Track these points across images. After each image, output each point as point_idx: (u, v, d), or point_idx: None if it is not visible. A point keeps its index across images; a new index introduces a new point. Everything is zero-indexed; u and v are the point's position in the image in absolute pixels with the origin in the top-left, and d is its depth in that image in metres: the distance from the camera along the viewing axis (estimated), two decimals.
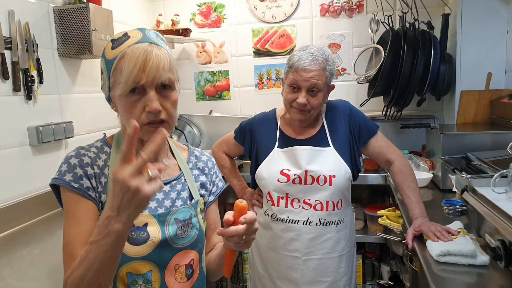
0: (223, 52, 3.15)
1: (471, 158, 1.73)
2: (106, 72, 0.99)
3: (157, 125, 0.96)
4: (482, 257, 1.20)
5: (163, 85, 0.96)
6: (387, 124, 2.81)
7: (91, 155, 1.02)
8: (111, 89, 0.99)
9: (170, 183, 1.10)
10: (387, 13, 2.61)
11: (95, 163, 1.01)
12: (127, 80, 0.92)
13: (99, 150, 1.05)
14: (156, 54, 0.93)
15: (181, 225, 1.05)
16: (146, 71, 0.91)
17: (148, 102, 0.93)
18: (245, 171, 2.67)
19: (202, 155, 1.23)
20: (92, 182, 0.98)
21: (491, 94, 2.36)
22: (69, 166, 0.98)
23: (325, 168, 1.65)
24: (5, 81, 1.75)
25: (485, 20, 2.36)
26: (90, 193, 0.97)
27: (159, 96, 0.95)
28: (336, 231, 1.70)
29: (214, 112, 3.11)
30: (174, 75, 0.99)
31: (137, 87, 0.93)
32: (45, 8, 2.01)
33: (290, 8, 2.97)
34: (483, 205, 1.20)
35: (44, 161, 1.96)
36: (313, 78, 1.56)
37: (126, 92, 0.93)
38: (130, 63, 0.92)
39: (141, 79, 0.92)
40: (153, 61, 0.92)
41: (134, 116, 0.95)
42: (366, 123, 1.73)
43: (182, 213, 1.06)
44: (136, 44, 0.95)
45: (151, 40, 0.97)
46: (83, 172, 0.98)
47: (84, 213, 0.96)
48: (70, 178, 0.97)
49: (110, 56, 0.97)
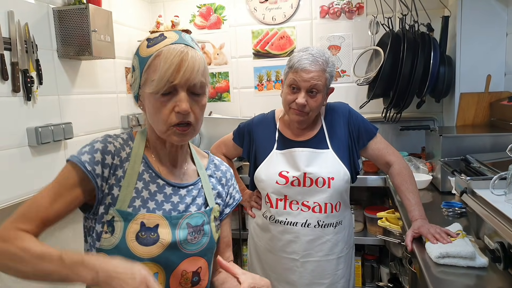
0: (223, 54, 3.16)
1: (471, 160, 1.73)
2: (138, 69, 0.99)
3: (184, 127, 0.98)
4: (481, 259, 1.19)
5: (195, 93, 0.98)
6: (386, 126, 2.81)
7: (117, 145, 1.03)
8: (141, 86, 0.99)
9: (187, 188, 1.10)
10: (387, 15, 2.61)
11: (118, 153, 1.02)
12: (161, 78, 0.93)
13: (124, 142, 1.05)
14: (192, 56, 0.95)
15: (192, 231, 1.04)
16: (181, 72, 0.93)
17: (179, 103, 0.95)
18: (244, 173, 2.67)
19: (221, 165, 1.23)
20: (104, 171, 0.98)
21: (491, 96, 2.36)
22: (91, 148, 0.99)
23: (323, 170, 1.64)
24: (4, 82, 1.75)
25: (485, 22, 2.36)
26: (98, 180, 0.97)
27: (190, 99, 0.97)
28: (334, 233, 1.70)
29: (213, 113, 3.11)
30: (206, 79, 1.00)
31: (170, 89, 0.94)
32: (45, 9, 2.01)
33: (290, 10, 2.98)
34: (482, 207, 1.19)
35: (43, 162, 1.96)
36: (313, 79, 1.56)
37: (159, 91, 0.94)
38: (166, 63, 0.93)
39: (175, 79, 0.93)
40: (189, 63, 0.94)
41: (163, 116, 0.96)
42: (365, 126, 1.73)
43: (195, 218, 1.06)
44: (173, 44, 0.96)
45: (187, 43, 0.98)
46: (102, 158, 0.98)
47: (70, 195, 0.95)
48: (86, 159, 0.96)
49: (144, 54, 0.98)
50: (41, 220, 0.92)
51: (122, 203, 0.99)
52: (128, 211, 0.98)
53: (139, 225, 0.98)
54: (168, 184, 1.06)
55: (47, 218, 0.92)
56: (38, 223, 0.91)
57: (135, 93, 1.03)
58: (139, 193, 1.02)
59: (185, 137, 1.01)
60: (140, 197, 1.01)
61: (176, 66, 0.93)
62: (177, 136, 0.99)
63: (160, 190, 1.05)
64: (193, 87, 0.96)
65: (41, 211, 0.92)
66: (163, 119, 0.97)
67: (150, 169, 1.05)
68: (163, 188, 1.05)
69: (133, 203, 1.00)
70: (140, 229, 0.97)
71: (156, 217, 1.00)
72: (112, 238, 0.97)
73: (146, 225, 0.98)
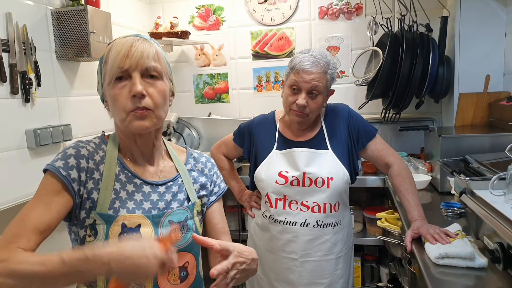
0: (222, 55, 3.15)
1: (470, 160, 1.73)
2: (99, 69, 1.03)
3: (143, 111, 0.97)
4: (481, 260, 1.19)
5: (150, 75, 0.98)
6: (385, 126, 2.81)
7: (90, 149, 1.03)
8: (103, 84, 1.02)
9: (166, 185, 1.09)
10: (385, 16, 2.62)
11: (92, 157, 1.02)
12: (111, 66, 0.96)
13: (97, 146, 1.06)
14: (141, 43, 0.98)
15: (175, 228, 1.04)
16: (130, 57, 0.95)
17: (132, 86, 0.95)
18: (244, 173, 2.67)
19: (201, 157, 1.22)
20: (81, 175, 0.98)
21: (490, 97, 2.36)
22: (64, 155, 1.00)
23: (323, 170, 1.65)
24: (2, 84, 1.75)
25: (484, 22, 2.36)
26: (73, 185, 0.97)
27: (145, 83, 0.97)
28: (333, 233, 1.70)
29: (213, 114, 3.11)
30: (162, 67, 1.01)
31: (123, 74, 0.96)
32: (43, 11, 2.01)
33: (289, 11, 2.98)
34: (481, 207, 1.19)
35: (42, 164, 1.92)
36: (314, 80, 1.57)
37: (112, 79, 0.96)
38: (116, 51, 0.96)
39: (125, 65, 0.95)
40: (138, 48, 0.96)
41: (120, 103, 0.97)
42: (364, 127, 1.73)
43: (177, 215, 1.06)
44: (124, 38, 1.00)
45: (141, 36, 1.01)
46: (76, 163, 0.99)
47: (55, 202, 0.94)
48: (60, 165, 0.97)
49: (102, 54, 1.03)
50: (33, 233, 0.89)
51: (102, 206, 0.99)
52: (109, 213, 0.98)
53: (121, 226, 0.98)
54: (145, 183, 1.06)
55: (39, 230, 0.90)
56: (32, 238, 0.89)
57: (100, 94, 1.05)
58: (117, 194, 1.02)
59: (144, 121, 0.98)
60: (119, 198, 1.01)
61: (125, 51, 0.95)
62: (136, 120, 0.97)
63: (138, 189, 1.05)
64: (145, 71, 0.97)
65: (32, 225, 0.90)
66: (120, 107, 0.97)
67: (125, 170, 1.06)
68: (141, 187, 1.06)
69: (113, 205, 1.00)
70: (122, 231, 0.97)
71: (137, 217, 1.00)
72: (96, 241, 0.97)
73: (127, 226, 0.98)
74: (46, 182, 0.97)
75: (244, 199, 1.92)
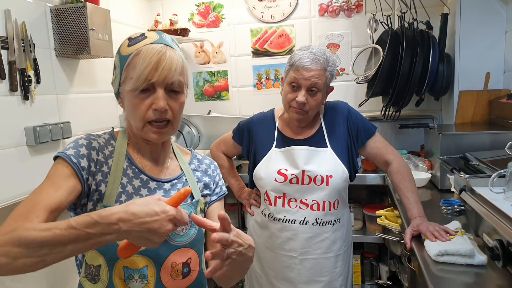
0: (222, 52, 3.15)
1: (470, 158, 1.73)
2: (119, 67, 1.02)
3: (162, 125, 1.01)
4: (480, 257, 1.19)
5: (173, 90, 1.00)
6: (385, 124, 2.81)
7: (100, 142, 1.05)
8: (121, 84, 1.02)
9: (171, 182, 1.12)
10: (386, 13, 2.61)
11: (102, 150, 1.04)
12: (139, 76, 0.96)
13: (106, 141, 1.08)
14: (170, 55, 0.98)
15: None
16: (159, 71, 0.95)
17: (156, 100, 0.97)
18: (243, 171, 2.67)
19: (204, 159, 1.26)
20: (91, 165, 1.00)
21: (490, 94, 2.36)
22: (75, 144, 1.01)
23: (322, 168, 1.64)
24: (1, 81, 1.74)
25: (484, 20, 2.36)
26: (83, 173, 0.98)
27: (167, 97, 0.99)
28: (332, 231, 1.70)
29: (212, 112, 3.11)
30: (185, 78, 1.03)
31: (148, 86, 0.97)
32: (42, 8, 2.00)
33: (289, 8, 2.97)
34: (481, 205, 1.19)
35: (41, 162, 1.95)
36: (314, 77, 1.57)
37: (137, 89, 0.97)
38: (145, 61, 0.96)
39: (153, 77, 0.95)
40: (167, 62, 0.96)
41: (141, 112, 0.98)
42: (364, 124, 1.73)
43: None
44: (152, 44, 0.99)
45: (167, 43, 1.01)
46: (87, 153, 1.00)
47: (65, 184, 0.95)
48: (72, 153, 0.98)
49: (125, 52, 1.01)
50: (43, 210, 0.87)
51: (109, 199, 1.00)
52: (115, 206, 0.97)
53: None
54: (151, 179, 1.08)
55: (50, 209, 0.88)
56: (41, 214, 0.87)
57: (116, 90, 1.06)
58: (124, 188, 1.03)
59: (162, 135, 1.03)
60: (125, 192, 1.03)
61: (154, 64, 0.95)
62: (154, 133, 1.02)
63: (144, 185, 1.07)
64: (171, 85, 0.99)
65: (42, 203, 0.88)
66: (140, 116, 0.99)
67: (133, 165, 1.08)
68: (147, 183, 1.07)
69: (119, 198, 1.02)
70: None
71: None
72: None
73: None
74: (57, 167, 0.98)
75: (243, 197, 1.92)
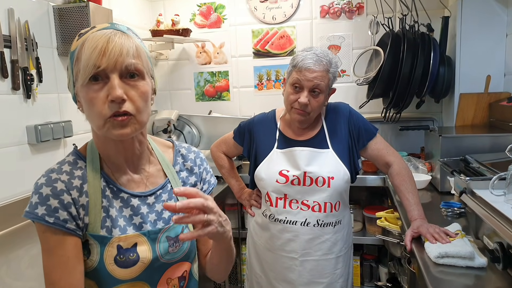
0: (223, 53, 3.15)
1: (470, 160, 1.73)
2: (70, 66, 0.90)
3: (123, 117, 0.86)
4: (480, 259, 1.20)
5: (131, 74, 0.86)
6: (386, 126, 2.81)
7: (64, 178, 0.90)
8: (75, 83, 0.89)
9: (154, 194, 1.01)
10: (387, 15, 2.62)
11: (71, 186, 0.90)
12: (86, 65, 0.83)
13: (72, 167, 0.93)
14: (119, 38, 0.85)
15: (173, 242, 0.99)
16: (107, 55, 0.83)
17: (111, 90, 0.84)
18: (244, 172, 2.67)
19: (189, 152, 1.13)
20: (71, 211, 0.88)
21: (490, 97, 2.36)
22: (40, 197, 0.87)
23: (323, 169, 1.65)
24: (4, 79, 1.75)
25: (485, 23, 2.36)
26: (68, 225, 0.88)
27: (124, 85, 0.86)
28: (333, 233, 1.70)
29: (213, 112, 3.11)
30: (144, 64, 0.89)
31: (99, 74, 0.84)
32: (45, 7, 2.01)
33: (290, 10, 2.98)
34: (481, 207, 1.20)
35: (42, 160, 1.95)
36: (316, 78, 1.57)
37: (86, 80, 0.84)
38: (90, 48, 0.83)
39: (101, 63, 0.83)
40: (116, 44, 0.84)
41: (96, 108, 0.85)
42: (365, 126, 1.73)
43: (174, 229, 1.00)
44: (99, 31, 0.87)
45: (118, 28, 0.89)
46: (59, 202, 0.87)
47: (66, 251, 0.88)
48: (43, 211, 0.86)
49: (73, 47, 0.89)
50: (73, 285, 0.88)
51: (93, 226, 0.91)
52: (101, 234, 0.91)
53: (116, 248, 0.91)
54: (132, 196, 0.98)
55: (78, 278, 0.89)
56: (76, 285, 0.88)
57: (72, 94, 0.93)
58: (107, 212, 0.93)
59: (125, 129, 0.88)
60: (109, 216, 0.93)
61: (101, 49, 0.83)
62: (116, 128, 0.86)
63: (126, 204, 0.96)
64: (125, 70, 0.85)
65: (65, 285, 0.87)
66: (97, 112, 0.85)
67: (110, 184, 0.96)
68: (128, 201, 0.97)
69: (104, 224, 0.92)
70: (117, 253, 0.91)
71: (132, 236, 0.93)
72: (89, 261, 0.91)
73: (123, 247, 0.91)
74: (44, 235, 0.88)
75: (244, 198, 1.92)
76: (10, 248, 1.58)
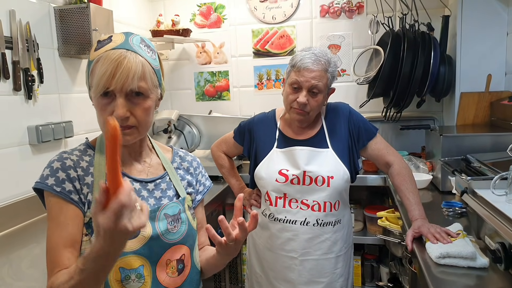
0: (223, 53, 3.15)
1: (471, 160, 1.73)
2: (87, 73, 1.03)
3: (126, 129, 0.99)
4: (482, 260, 1.20)
5: (136, 92, 0.98)
6: (386, 125, 2.81)
7: (74, 158, 1.03)
8: (90, 88, 1.02)
9: (154, 182, 1.11)
10: (387, 15, 2.62)
11: (78, 165, 1.02)
12: (97, 84, 0.95)
13: (82, 153, 1.06)
14: (128, 61, 0.95)
15: (171, 220, 1.06)
16: (116, 78, 0.94)
17: (116, 108, 0.96)
18: (244, 171, 2.67)
19: (186, 156, 1.24)
20: (75, 185, 1.00)
21: (491, 96, 2.36)
22: (51, 170, 1.00)
23: (323, 169, 1.65)
24: (5, 80, 1.75)
25: (485, 22, 2.36)
26: (72, 196, 0.98)
27: (129, 103, 0.98)
28: (333, 232, 1.70)
29: (213, 112, 3.11)
30: (148, 83, 0.99)
31: (107, 92, 0.96)
32: (46, 8, 2.01)
33: (290, 9, 2.98)
34: (483, 207, 1.20)
35: (43, 161, 1.93)
36: (315, 78, 1.57)
37: (97, 96, 0.98)
38: (102, 69, 0.95)
39: (110, 85, 0.95)
40: (124, 69, 0.94)
41: (103, 118, 0.98)
42: (365, 126, 1.73)
43: (171, 208, 1.08)
44: (113, 49, 0.97)
45: (131, 47, 0.99)
46: (66, 175, 0.99)
47: (67, 218, 0.97)
48: (52, 182, 0.98)
49: (91, 57, 1.01)
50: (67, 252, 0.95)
51: None
52: None
53: None
54: (134, 180, 1.08)
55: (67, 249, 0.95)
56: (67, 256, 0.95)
57: (89, 93, 1.05)
58: None
59: (127, 137, 1.01)
60: None
61: (111, 72, 0.94)
62: None
63: None
64: (129, 91, 0.96)
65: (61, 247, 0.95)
66: (104, 121, 0.98)
67: None
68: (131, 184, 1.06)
69: None
70: None
71: None
72: (92, 240, 0.98)
73: None
74: (49, 204, 0.99)
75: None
76: (12, 248, 1.58)
